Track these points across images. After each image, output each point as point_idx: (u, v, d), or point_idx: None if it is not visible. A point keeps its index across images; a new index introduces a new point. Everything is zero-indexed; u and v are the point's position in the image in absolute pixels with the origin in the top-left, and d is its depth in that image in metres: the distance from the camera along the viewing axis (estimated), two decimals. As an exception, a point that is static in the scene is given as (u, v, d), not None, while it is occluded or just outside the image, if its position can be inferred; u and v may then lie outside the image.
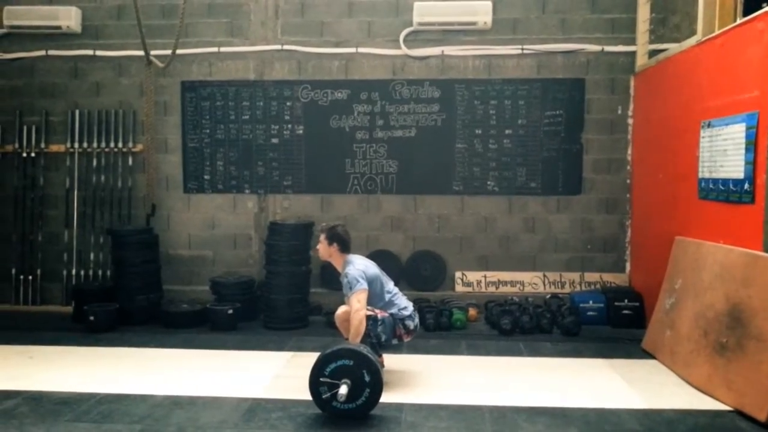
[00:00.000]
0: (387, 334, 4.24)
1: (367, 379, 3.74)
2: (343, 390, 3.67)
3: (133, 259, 6.02)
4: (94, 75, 6.58)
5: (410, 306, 4.45)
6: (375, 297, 4.27)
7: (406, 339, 4.40)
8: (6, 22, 6.41)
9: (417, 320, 4.44)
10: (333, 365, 3.75)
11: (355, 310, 4.08)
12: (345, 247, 4.39)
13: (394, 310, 4.33)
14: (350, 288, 4.17)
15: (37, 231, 6.62)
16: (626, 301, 5.83)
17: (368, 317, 4.13)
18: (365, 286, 4.16)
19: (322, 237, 4.40)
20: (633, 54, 6.16)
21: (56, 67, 6.58)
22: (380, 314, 4.23)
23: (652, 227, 5.73)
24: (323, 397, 3.74)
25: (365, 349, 3.83)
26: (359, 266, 4.27)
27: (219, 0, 6.45)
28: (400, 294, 4.48)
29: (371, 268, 4.35)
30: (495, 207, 6.40)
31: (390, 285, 4.44)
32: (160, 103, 6.55)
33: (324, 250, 4.40)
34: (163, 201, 6.58)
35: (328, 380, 3.72)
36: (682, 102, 5.08)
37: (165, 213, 6.59)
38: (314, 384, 3.77)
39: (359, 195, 6.47)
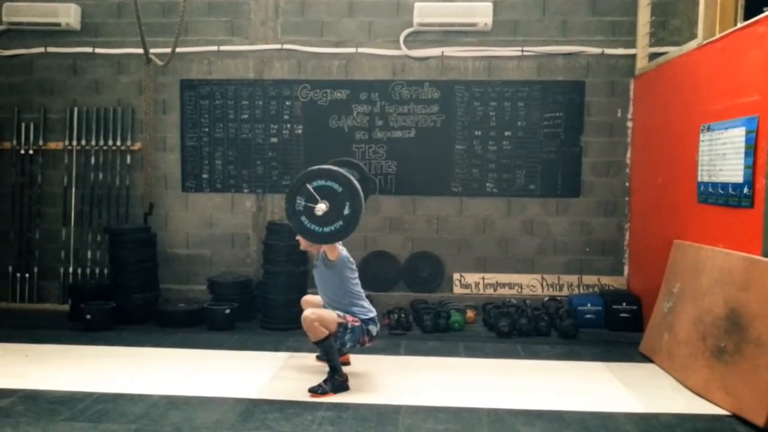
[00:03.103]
0: (353, 342, 4.20)
1: (346, 212, 3.75)
2: (322, 207, 3.72)
3: (130, 258, 6.00)
4: (93, 73, 6.56)
5: (374, 309, 4.42)
6: (352, 282, 4.25)
7: (368, 345, 4.34)
8: (5, 19, 6.38)
9: (379, 326, 4.38)
10: (322, 182, 3.76)
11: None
12: None
13: (364, 306, 4.29)
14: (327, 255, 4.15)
15: (34, 229, 6.59)
16: (624, 304, 5.82)
17: (339, 324, 4.10)
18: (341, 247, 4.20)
19: None
20: (633, 57, 6.16)
21: (55, 65, 6.56)
22: (351, 322, 4.17)
23: (650, 230, 5.72)
24: (296, 205, 3.75)
25: (359, 188, 3.86)
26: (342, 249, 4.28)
27: (219, -1, 6.45)
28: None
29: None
30: (494, 209, 6.39)
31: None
32: (159, 102, 6.54)
33: (304, 241, 4.31)
34: (161, 200, 6.56)
35: (311, 191, 3.72)
36: (682, 105, 5.08)
37: (163, 212, 6.57)
38: (295, 191, 3.78)
39: (358, 195, 6.45)
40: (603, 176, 6.31)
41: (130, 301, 5.91)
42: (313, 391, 4.08)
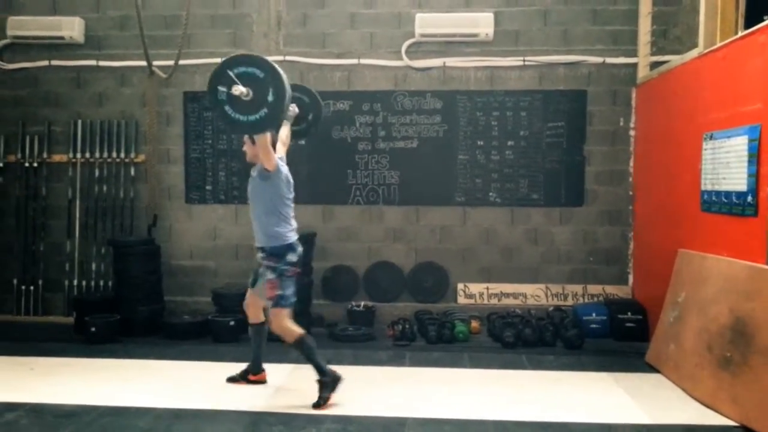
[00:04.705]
0: (291, 287, 4.20)
1: (270, 98, 3.70)
2: (240, 88, 3.66)
3: (134, 270, 6.01)
4: (96, 85, 6.59)
5: (295, 234, 4.32)
6: (285, 201, 4.23)
7: (298, 270, 4.31)
8: (10, 33, 6.43)
9: (300, 248, 4.29)
10: (243, 69, 3.73)
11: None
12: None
13: (288, 229, 4.24)
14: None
15: (39, 241, 6.61)
16: (629, 313, 5.80)
17: (273, 298, 4.13)
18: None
19: (246, 137, 4.24)
20: (635, 66, 6.17)
21: (59, 78, 6.59)
22: (271, 286, 4.15)
23: (654, 239, 5.71)
24: (218, 94, 3.72)
25: (282, 73, 3.78)
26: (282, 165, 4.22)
27: (222, 11, 6.47)
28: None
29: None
30: (497, 218, 6.39)
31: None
32: (163, 114, 6.56)
33: (250, 150, 4.25)
34: (164, 211, 6.58)
35: (232, 78, 3.68)
36: (684, 114, 5.08)
37: (167, 224, 6.58)
38: (215, 79, 3.74)
39: (361, 206, 6.46)
40: (606, 185, 6.31)
41: (135, 314, 5.91)
42: (317, 405, 4.07)
